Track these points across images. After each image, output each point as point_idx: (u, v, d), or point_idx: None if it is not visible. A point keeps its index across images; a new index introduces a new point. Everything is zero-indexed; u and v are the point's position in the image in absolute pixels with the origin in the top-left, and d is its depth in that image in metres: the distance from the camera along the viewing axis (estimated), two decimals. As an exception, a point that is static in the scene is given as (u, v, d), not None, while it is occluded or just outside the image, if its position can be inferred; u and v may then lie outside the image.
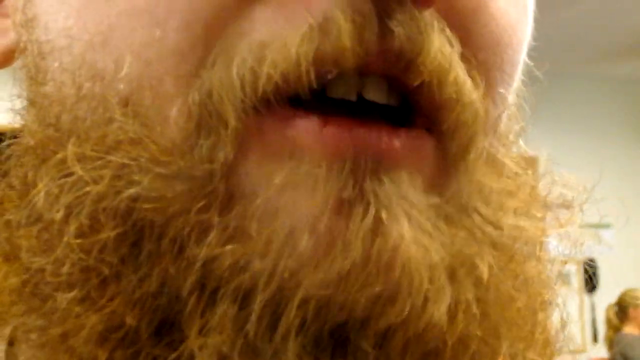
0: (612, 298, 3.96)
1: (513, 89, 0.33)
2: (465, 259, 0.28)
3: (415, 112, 0.28)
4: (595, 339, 4.69)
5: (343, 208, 0.26)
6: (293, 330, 0.26)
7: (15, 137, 0.32)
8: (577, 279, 4.61)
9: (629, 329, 3.85)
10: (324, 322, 0.26)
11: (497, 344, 0.29)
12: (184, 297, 0.26)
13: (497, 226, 0.30)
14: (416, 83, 0.27)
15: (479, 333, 0.29)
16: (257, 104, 0.26)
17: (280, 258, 0.26)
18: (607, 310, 3.98)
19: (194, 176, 0.27)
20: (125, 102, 0.28)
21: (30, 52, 0.32)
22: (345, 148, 0.27)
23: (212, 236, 0.26)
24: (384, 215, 0.26)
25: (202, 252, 0.26)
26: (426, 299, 0.27)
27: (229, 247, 0.26)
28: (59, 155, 0.28)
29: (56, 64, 0.30)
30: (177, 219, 0.27)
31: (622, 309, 3.88)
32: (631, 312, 3.85)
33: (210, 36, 0.27)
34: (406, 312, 0.26)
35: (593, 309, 4.78)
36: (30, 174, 0.29)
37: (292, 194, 0.26)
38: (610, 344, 3.90)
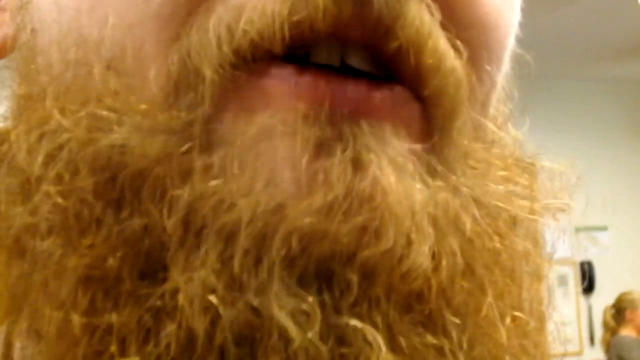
0: (609, 300, 3.97)
1: (502, 72, 0.33)
2: (449, 209, 0.29)
3: (397, 80, 0.29)
4: (592, 341, 4.70)
5: (322, 147, 0.27)
6: (278, 265, 0.26)
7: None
8: (573, 281, 4.61)
9: (626, 332, 3.86)
10: (309, 256, 0.27)
11: (481, 298, 0.29)
12: (167, 238, 0.27)
13: (483, 187, 0.30)
14: (393, 48, 0.28)
15: (463, 284, 0.29)
16: (234, 61, 0.27)
17: (262, 195, 0.26)
18: (605, 312, 3.98)
19: (173, 129, 0.27)
20: (107, 65, 0.29)
21: (24, 33, 0.33)
22: (322, 95, 0.27)
23: (195, 176, 0.27)
24: (364, 152, 0.27)
25: (186, 193, 0.27)
26: (409, 239, 0.27)
27: (211, 184, 0.26)
28: (39, 107, 0.29)
29: (46, 37, 0.31)
30: (157, 165, 0.27)
31: (619, 311, 3.89)
32: (628, 314, 3.86)
33: (193, 2, 0.28)
34: (389, 248, 0.27)
35: (590, 311, 4.78)
36: (13, 135, 0.30)
37: (270, 138, 0.27)
38: (607, 346, 3.90)
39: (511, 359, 0.31)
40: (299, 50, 0.27)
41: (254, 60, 0.27)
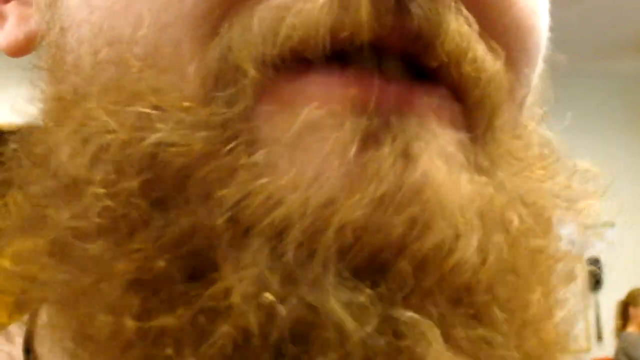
0: (616, 296, 3.96)
1: (536, 73, 0.33)
2: (495, 206, 0.29)
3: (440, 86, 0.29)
4: (599, 337, 4.69)
5: (370, 139, 0.27)
6: (332, 258, 0.26)
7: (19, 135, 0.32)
8: (580, 278, 4.59)
9: (631, 328, 3.85)
10: (362, 248, 0.26)
11: (527, 295, 0.30)
12: (216, 238, 0.27)
13: (526, 185, 0.31)
14: (435, 65, 0.28)
15: (510, 280, 0.29)
16: (275, 61, 0.27)
17: (312, 189, 0.26)
18: (616, 307, 3.98)
19: (214, 123, 0.27)
20: (143, 63, 0.28)
21: (53, 31, 0.33)
22: (368, 86, 0.27)
23: (241, 174, 0.26)
24: (413, 143, 0.27)
25: (233, 191, 0.26)
26: (458, 232, 0.27)
27: (259, 182, 0.26)
28: (79, 110, 0.29)
29: (75, 36, 0.31)
30: (202, 163, 0.27)
31: (624, 308, 3.89)
32: (631, 311, 3.86)
33: (229, 1, 0.28)
34: (439, 241, 0.27)
35: (597, 307, 4.77)
36: (50, 138, 0.29)
37: (317, 130, 0.26)
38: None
39: (560, 353, 0.31)
40: (336, 59, 0.27)
41: (293, 61, 0.27)
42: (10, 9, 0.37)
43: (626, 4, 3.81)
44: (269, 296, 0.26)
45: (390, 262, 0.27)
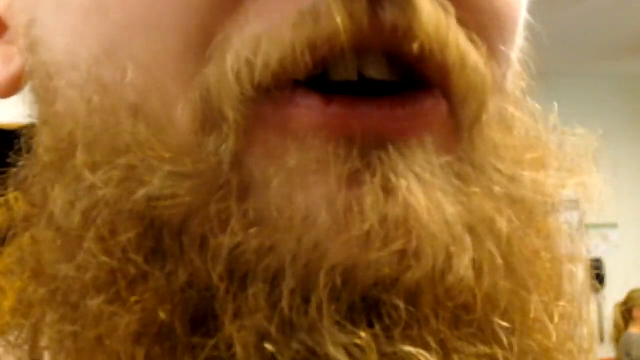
0: (619, 297, 3.96)
1: (516, 46, 0.33)
2: (484, 214, 0.29)
3: (425, 83, 0.28)
4: (602, 338, 4.69)
5: (354, 180, 0.27)
6: (326, 300, 0.26)
7: (22, 135, 0.33)
8: (583, 278, 4.59)
9: (634, 329, 3.85)
10: (354, 287, 0.27)
11: (527, 296, 0.30)
12: (214, 286, 0.27)
13: (515, 180, 0.30)
14: (415, 49, 0.27)
15: (507, 286, 0.29)
16: (255, 96, 0.27)
17: (303, 234, 0.26)
18: (614, 310, 3.99)
19: (203, 172, 0.27)
20: (134, 110, 0.28)
21: (38, 74, 0.32)
22: (351, 125, 0.27)
23: (234, 224, 0.27)
24: (392, 178, 0.27)
25: (227, 241, 0.27)
26: (449, 254, 0.27)
27: (252, 231, 0.26)
28: (71, 164, 0.29)
29: (64, 83, 0.30)
30: (195, 214, 0.27)
31: (627, 309, 3.89)
32: (635, 312, 3.86)
33: (206, 35, 0.27)
34: (431, 267, 0.27)
35: (599, 308, 4.77)
36: (47, 188, 0.30)
37: (304, 174, 0.27)
38: (617, 344, 3.91)
39: (561, 356, 0.31)
40: (317, 70, 0.27)
41: (276, 88, 0.27)
42: None
43: (626, 5, 3.81)
44: (269, 347, 0.26)
45: (384, 297, 0.27)
